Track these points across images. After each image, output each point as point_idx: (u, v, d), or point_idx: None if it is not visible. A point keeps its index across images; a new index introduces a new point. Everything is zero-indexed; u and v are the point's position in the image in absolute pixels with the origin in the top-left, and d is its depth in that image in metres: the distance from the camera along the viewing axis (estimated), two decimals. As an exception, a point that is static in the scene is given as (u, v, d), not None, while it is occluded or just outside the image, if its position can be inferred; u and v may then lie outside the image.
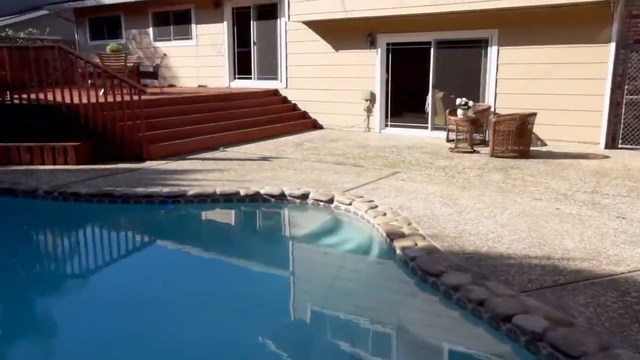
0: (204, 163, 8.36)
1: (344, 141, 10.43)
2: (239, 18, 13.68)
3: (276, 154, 9.12)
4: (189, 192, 6.32)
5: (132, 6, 15.29)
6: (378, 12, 10.42)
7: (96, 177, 7.37)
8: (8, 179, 7.24)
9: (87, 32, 17.03)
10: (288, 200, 6.26)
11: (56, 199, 6.46)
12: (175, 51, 14.85)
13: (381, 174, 7.44)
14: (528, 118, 8.45)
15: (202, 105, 10.96)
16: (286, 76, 12.85)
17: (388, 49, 11.32)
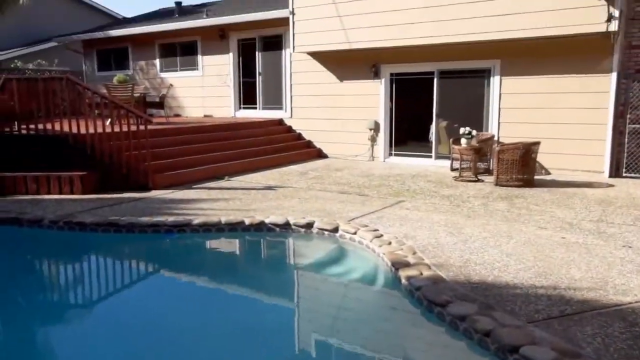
0: (209, 192, 8.39)
1: (348, 170, 10.47)
2: (244, 49, 13.92)
3: (281, 183, 9.16)
4: (194, 222, 6.33)
5: (139, 38, 15.60)
6: (381, 44, 10.59)
7: (102, 206, 7.40)
8: (14, 209, 7.29)
9: (94, 63, 17.34)
10: (293, 229, 6.26)
11: (61, 228, 6.49)
12: (181, 81, 15.08)
13: (386, 202, 7.45)
14: (532, 147, 8.49)
15: (208, 135, 11.06)
16: (291, 106, 13.00)
17: (392, 79, 11.47)
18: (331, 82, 12.19)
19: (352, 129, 11.98)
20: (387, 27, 10.37)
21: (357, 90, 11.84)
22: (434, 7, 9.78)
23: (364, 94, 11.75)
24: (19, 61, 20.57)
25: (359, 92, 11.82)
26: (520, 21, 8.98)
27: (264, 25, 13.01)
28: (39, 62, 20.16)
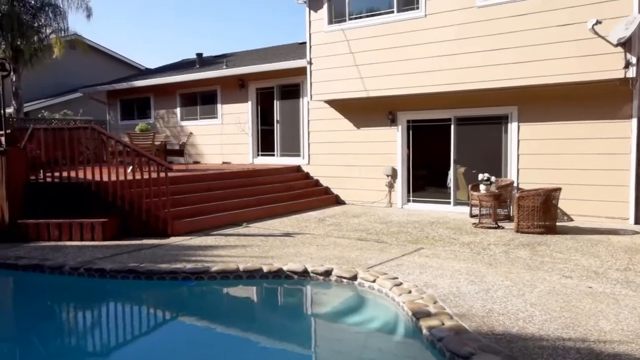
0: (227, 239, 8.40)
1: (366, 217, 10.43)
2: (262, 98, 14.23)
3: (299, 229, 9.14)
4: (212, 269, 6.32)
5: (161, 88, 16.06)
6: (398, 91, 10.75)
7: (121, 253, 7.44)
8: (37, 255, 7.37)
9: (118, 112, 17.83)
10: (311, 277, 6.20)
11: (82, 275, 6.52)
12: (201, 129, 15.39)
13: (405, 250, 7.37)
14: (552, 193, 8.40)
15: (226, 182, 11.17)
16: (308, 153, 13.13)
17: (409, 126, 11.56)
18: (348, 129, 12.33)
19: (369, 176, 12.01)
20: (404, 76, 10.55)
21: (374, 137, 11.94)
22: (451, 56, 9.95)
23: (381, 140, 11.84)
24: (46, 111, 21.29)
25: (375, 139, 11.92)
26: (538, 68, 9.07)
27: (282, 74, 13.34)
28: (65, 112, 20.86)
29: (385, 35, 10.82)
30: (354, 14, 11.39)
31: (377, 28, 10.95)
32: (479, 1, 9.63)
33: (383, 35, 10.85)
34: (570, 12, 8.75)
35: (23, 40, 17.81)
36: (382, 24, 10.90)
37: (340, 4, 11.53)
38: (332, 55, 11.63)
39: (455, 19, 9.89)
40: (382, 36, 10.87)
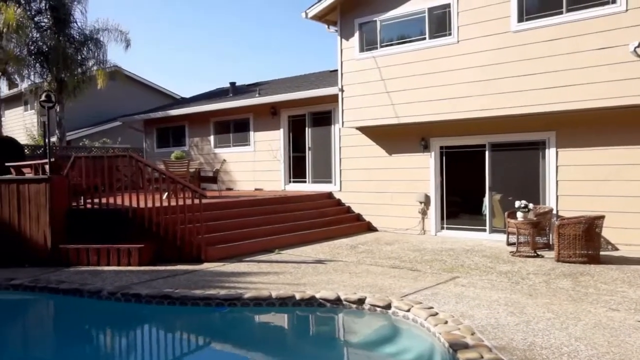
0: (260, 265, 8.40)
1: (399, 244, 10.30)
2: (294, 125, 14.37)
3: (331, 256, 9.08)
4: (245, 295, 6.31)
5: (195, 116, 16.43)
6: (431, 118, 10.71)
7: (157, 278, 7.52)
8: (77, 280, 7.53)
9: (154, 140, 18.27)
10: (344, 304, 6.12)
11: (119, 299, 6.61)
12: (233, 156, 15.60)
13: (439, 278, 7.22)
14: (595, 221, 8.13)
15: (259, 208, 11.24)
16: (340, 179, 13.12)
17: (442, 152, 11.46)
18: (380, 155, 12.30)
19: (401, 202, 11.90)
20: (437, 102, 10.52)
21: (407, 163, 11.87)
22: (485, 81, 9.89)
23: (414, 167, 11.76)
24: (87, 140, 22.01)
25: (408, 165, 11.84)
26: (575, 93, 8.91)
27: (314, 102, 13.48)
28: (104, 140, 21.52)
29: (417, 62, 10.85)
30: (385, 41, 11.47)
31: (409, 55, 11.00)
32: (513, 26, 9.58)
33: (415, 61, 10.88)
34: (606, 36, 8.61)
35: (67, 72, 18.55)
36: (413, 51, 10.94)
37: (371, 31, 11.66)
38: (363, 83, 11.71)
39: (489, 45, 9.85)
40: (413, 63, 10.90)
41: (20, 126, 25.39)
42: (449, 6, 10.45)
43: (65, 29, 18.56)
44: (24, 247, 9.10)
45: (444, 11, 10.55)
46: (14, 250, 9.10)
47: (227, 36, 54.49)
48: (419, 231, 11.64)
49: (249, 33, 54.29)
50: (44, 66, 18.74)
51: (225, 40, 54.84)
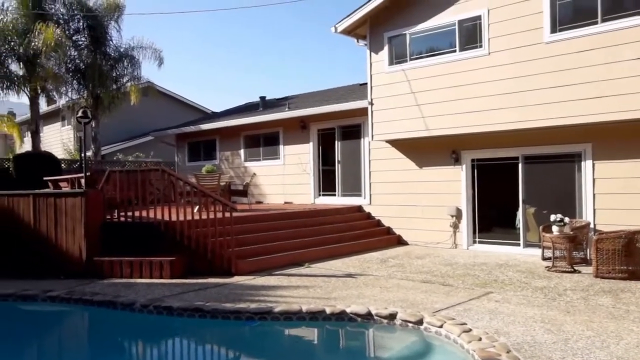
0: (290, 279, 8.39)
1: (430, 258, 10.16)
2: (323, 138, 14.41)
3: (361, 270, 9.01)
4: (275, 309, 6.30)
5: (226, 130, 16.64)
6: (461, 130, 10.58)
7: (188, 291, 7.59)
8: (110, 292, 7.66)
9: (185, 154, 18.58)
10: (375, 319, 6.05)
11: (151, 312, 6.69)
12: (263, 170, 15.72)
13: (472, 294, 7.07)
14: (635, 235, 7.85)
15: (288, 222, 11.26)
16: (370, 192, 13.06)
17: (473, 165, 11.30)
18: (410, 168, 12.20)
19: (432, 216, 11.76)
20: (468, 114, 10.40)
21: (437, 176, 11.74)
22: (517, 93, 9.73)
23: (444, 180, 11.62)
24: (120, 154, 22.54)
25: (439, 179, 11.71)
26: (611, 104, 8.68)
27: (343, 115, 13.50)
28: (137, 155, 22.00)
29: (447, 74, 10.77)
30: (414, 54, 11.44)
31: (439, 67, 10.93)
32: (546, 37, 9.43)
33: (445, 74, 10.81)
34: (644, 45, 8.39)
35: (102, 88, 19.09)
36: (444, 63, 10.87)
37: (401, 45, 11.64)
38: (393, 96, 11.68)
39: (521, 56, 9.71)
40: (444, 75, 10.82)
41: (58, 141, 26.18)
42: (479, 18, 10.36)
43: (101, 47, 19.15)
44: (60, 259, 9.32)
45: (474, 23, 10.47)
46: (51, 262, 9.34)
47: (258, 52, 55.38)
48: (451, 245, 11.46)
49: (279, 48, 55.07)
50: (80, 83, 19.34)
51: (256, 56, 55.72)
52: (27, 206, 9.74)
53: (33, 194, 9.86)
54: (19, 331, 7.12)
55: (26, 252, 9.56)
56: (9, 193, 10.29)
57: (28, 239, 9.63)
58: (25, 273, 9.21)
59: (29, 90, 18.05)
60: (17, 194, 10.12)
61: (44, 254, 9.44)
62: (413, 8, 11.41)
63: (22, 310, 7.73)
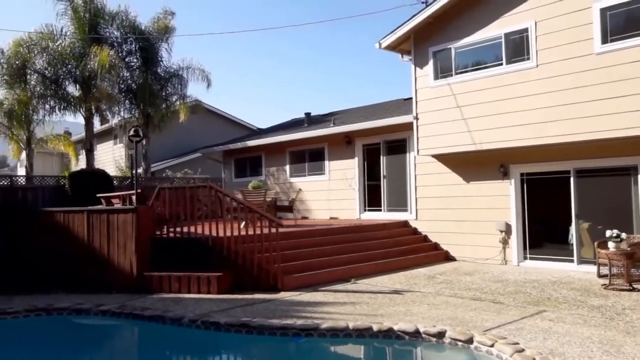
0: (336, 295, 8.36)
1: (479, 274, 9.91)
2: (369, 153, 14.38)
3: (408, 287, 8.88)
4: (322, 326, 6.28)
5: (272, 147, 16.87)
6: (509, 144, 10.35)
7: (235, 306, 7.67)
8: (160, 307, 7.84)
9: (232, 170, 18.92)
10: (423, 337, 5.94)
11: (199, 327, 6.81)
12: (308, 185, 15.81)
13: (524, 312, 6.84)
14: (698, 252, 7.44)
15: (334, 237, 11.25)
16: (416, 208, 12.91)
17: (522, 179, 11.01)
18: (457, 183, 12.00)
19: (480, 231, 11.49)
20: (515, 127, 10.17)
21: (485, 191, 11.49)
22: (567, 105, 9.46)
23: (493, 194, 11.36)
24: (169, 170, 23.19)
25: (487, 193, 11.46)
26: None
27: (388, 130, 13.45)
28: (185, 171, 22.57)
29: (494, 88, 10.59)
30: (460, 68, 11.32)
31: (486, 81, 10.76)
32: (597, 48, 9.15)
33: (492, 87, 10.63)
34: None
35: (153, 108, 19.77)
36: (490, 77, 10.70)
37: (446, 59, 11.54)
38: (438, 110, 11.57)
39: (571, 68, 9.45)
40: (490, 88, 10.65)
41: (110, 159, 27.20)
42: (526, 31, 10.17)
43: (152, 67, 19.85)
44: (112, 274, 9.63)
45: (521, 36, 10.28)
46: (103, 276, 9.66)
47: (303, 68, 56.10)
48: (500, 261, 11.15)
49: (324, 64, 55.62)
50: (132, 102, 20.07)
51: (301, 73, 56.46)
52: (81, 222, 10.15)
53: (87, 210, 10.27)
54: (73, 344, 7.39)
55: (80, 266, 9.93)
56: (65, 209, 10.76)
57: (82, 254, 10.01)
58: (79, 287, 9.54)
59: (84, 111, 18.87)
60: (72, 210, 10.57)
61: (97, 269, 9.78)
62: (458, 23, 11.31)
63: (76, 324, 8.01)
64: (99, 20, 18.81)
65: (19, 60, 17.66)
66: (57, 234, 10.39)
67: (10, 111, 17.74)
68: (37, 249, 10.54)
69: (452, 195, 12.07)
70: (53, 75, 18.36)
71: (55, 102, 18.53)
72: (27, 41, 17.86)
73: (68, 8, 18.44)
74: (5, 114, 17.88)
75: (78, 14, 18.40)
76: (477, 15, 10.98)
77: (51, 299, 8.82)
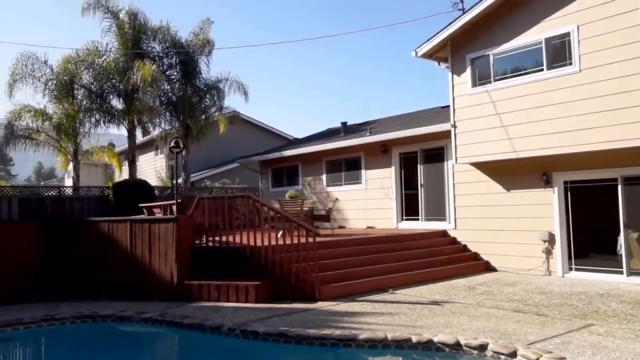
0: (374, 305, 8.28)
1: (521, 285, 9.64)
2: (405, 162, 14.25)
3: (447, 298, 8.72)
4: (360, 336, 6.22)
5: (308, 156, 16.94)
6: (551, 151, 10.07)
7: (273, 316, 7.69)
8: (199, 315, 7.94)
9: (269, 179, 19.08)
10: (464, 350, 5.81)
11: (237, 336, 6.87)
12: (345, 194, 15.78)
13: (571, 325, 6.60)
14: None
15: (371, 247, 11.17)
16: (455, 217, 12.69)
17: (566, 187, 10.68)
18: (497, 191, 11.74)
19: (522, 241, 11.19)
20: (558, 134, 9.90)
21: (527, 199, 11.20)
22: (613, 111, 9.14)
23: (535, 203, 11.05)
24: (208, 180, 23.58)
25: (528, 202, 11.16)
26: None
27: (425, 138, 13.31)
28: (223, 181, 22.89)
29: (534, 94, 10.35)
30: (498, 74, 11.12)
31: (526, 87, 10.53)
32: (644, 50, 8.84)
33: (532, 93, 10.39)
34: None
35: (192, 119, 20.19)
36: (530, 83, 10.46)
37: (484, 66, 11.36)
38: (477, 117, 11.38)
39: (617, 72, 9.14)
40: (531, 95, 10.41)
41: (151, 169, 27.88)
42: (568, 35, 9.91)
43: (191, 80, 20.29)
44: (153, 282, 9.82)
45: (562, 40, 10.03)
46: (145, 284, 9.86)
47: (339, 78, 56.25)
48: (544, 272, 10.82)
49: (360, 74, 55.62)
50: (172, 114, 20.54)
51: (338, 82, 56.62)
52: (124, 231, 10.40)
53: (130, 220, 10.53)
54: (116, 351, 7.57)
55: (123, 275, 10.17)
56: (109, 219, 11.06)
57: (125, 262, 10.25)
58: (122, 294, 9.76)
59: (127, 123, 19.43)
60: (116, 219, 10.86)
61: (139, 277, 9.99)
62: (495, 29, 11.14)
63: (120, 331, 8.20)
64: (141, 35, 19.41)
65: (67, 76, 18.35)
66: (101, 243, 10.68)
67: (59, 125, 18.40)
68: (83, 257, 10.85)
69: (492, 204, 11.81)
70: (98, 90, 19.00)
71: (100, 115, 19.15)
72: (74, 58, 18.56)
73: (113, 25, 19.11)
74: (54, 127, 18.55)
75: (122, 30, 19.04)
76: (515, 21, 10.78)
77: (96, 306, 9.06)
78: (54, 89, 18.44)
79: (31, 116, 18.57)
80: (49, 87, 18.37)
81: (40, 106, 18.73)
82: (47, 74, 18.41)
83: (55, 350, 7.81)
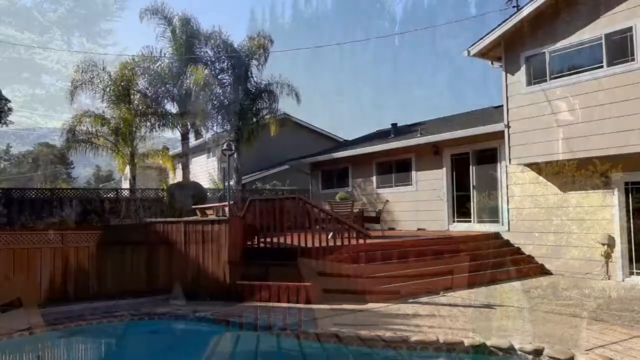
0: (424, 307, 8.22)
1: (578, 290, 9.32)
2: (457, 163, 14.04)
3: (500, 301, 8.54)
4: (411, 339, 6.20)
5: (358, 158, 16.96)
6: (613, 151, 9.70)
7: (323, 317, 7.77)
8: (251, 314, 8.11)
9: (319, 182, 19.22)
10: (518, 355, 5.70)
11: (288, 336, 6.97)
12: (395, 196, 15.70)
13: (632, 332, 6.34)
14: None
15: (422, 249, 11.05)
16: (508, 219, 12.39)
17: (627, 188, 10.24)
18: (553, 193, 11.39)
19: (580, 244, 10.81)
20: (619, 134, 9.51)
21: (585, 201, 10.81)
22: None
23: (593, 205, 10.66)
24: (259, 182, 24.00)
25: (586, 204, 10.77)
26: None
27: (478, 139, 13.08)
28: (274, 183, 23.24)
29: (594, 92, 9.99)
30: (554, 72, 10.79)
31: (584, 85, 10.18)
32: None
33: (592, 91, 10.03)
34: None
35: (243, 122, 20.62)
36: (590, 80, 10.10)
37: (539, 64, 11.06)
38: (532, 117, 11.09)
39: (682, 67, 8.71)
40: (590, 93, 10.05)
41: (204, 171, 28.62)
42: (630, 30, 9.52)
43: (243, 83, 20.73)
44: (207, 282, 10.09)
45: (623, 36, 9.63)
46: (198, 284, 10.14)
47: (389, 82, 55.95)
48: (602, 276, 10.40)
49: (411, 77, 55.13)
50: (224, 118, 21.03)
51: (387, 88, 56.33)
52: (178, 232, 10.73)
53: (184, 221, 10.86)
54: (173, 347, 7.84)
55: (178, 274, 10.49)
56: (164, 220, 11.45)
57: (179, 262, 10.57)
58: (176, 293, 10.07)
59: (181, 127, 20.08)
60: (171, 220, 11.23)
61: (193, 277, 10.29)
62: (551, 26, 10.82)
63: (175, 329, 8.48)
64: (194, 41, 20.02)
65: (124, 81, 19.15)
66: (157, 243, 11.06)
67: (116, 129, 19.24)
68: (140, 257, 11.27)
69: (548, 206, 11.47)
70: (153, 94, 19.73)
71: (155, 119, 19.87)
72: (130, 64, 19.36)
73: (167, 30, 19.81)
74: (112, 131, 19.41)
75: (176, 36, 19.71)
76: (572, 17, 10.44)
77: (153, 304, 9.41)
78: (112, 94, 19.28)
79: (91, 121, 19.47)
80: (107, 92, 19.21)
81: (99, 111, 19.65)
82: (105, 80, 19.27)
83: (114, 345, 8.16)
